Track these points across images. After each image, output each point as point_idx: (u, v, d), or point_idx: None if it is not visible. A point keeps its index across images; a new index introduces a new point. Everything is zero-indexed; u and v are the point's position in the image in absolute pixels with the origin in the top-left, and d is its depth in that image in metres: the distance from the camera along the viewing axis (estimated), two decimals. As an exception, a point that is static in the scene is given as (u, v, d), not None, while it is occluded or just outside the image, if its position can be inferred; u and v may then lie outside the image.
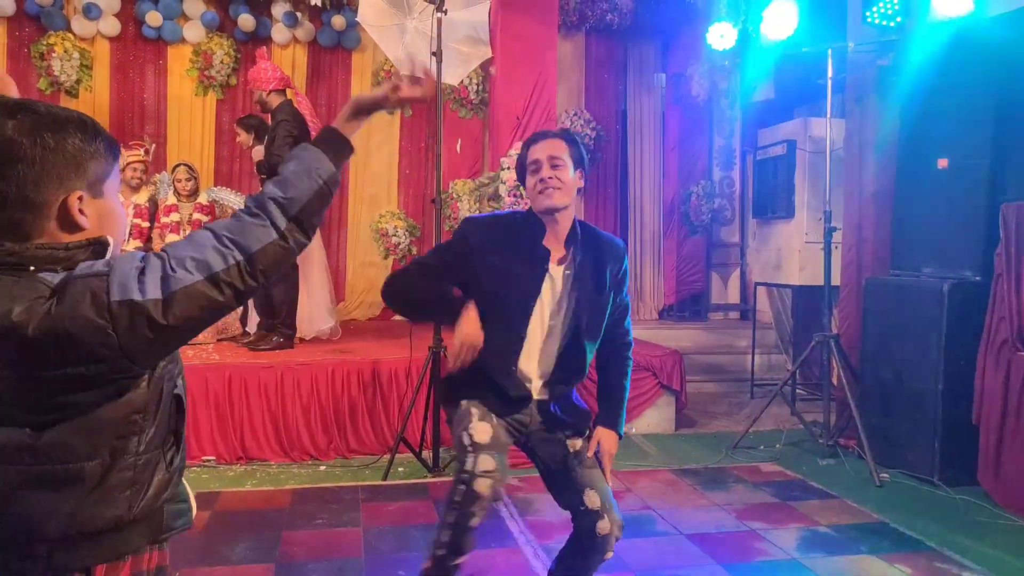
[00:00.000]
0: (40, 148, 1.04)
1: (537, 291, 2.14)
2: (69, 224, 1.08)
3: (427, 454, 4.05)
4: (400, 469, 4.05)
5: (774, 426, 4.88)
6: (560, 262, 2.18)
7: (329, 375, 4.29)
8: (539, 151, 2.15)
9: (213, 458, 4.11)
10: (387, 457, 4.00)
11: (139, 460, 1.10)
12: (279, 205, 1.10)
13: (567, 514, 2.25)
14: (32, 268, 1.04)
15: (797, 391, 5.61)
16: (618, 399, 2.31)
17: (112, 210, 1.15)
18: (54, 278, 1.03)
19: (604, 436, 2.23)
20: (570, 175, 2.13)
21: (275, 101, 4.63)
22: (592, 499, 2.11)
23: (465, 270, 2.17)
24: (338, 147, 1.21)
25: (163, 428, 1.14)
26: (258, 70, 4.68)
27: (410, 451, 4.02)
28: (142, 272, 1.01)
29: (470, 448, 2.05)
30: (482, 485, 1.98)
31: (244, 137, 5.14)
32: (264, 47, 5.01)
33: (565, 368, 2.20)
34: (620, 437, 2.27)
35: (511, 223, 2.23)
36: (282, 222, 1.09)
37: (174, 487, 1.18)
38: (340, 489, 3.76)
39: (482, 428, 2.09)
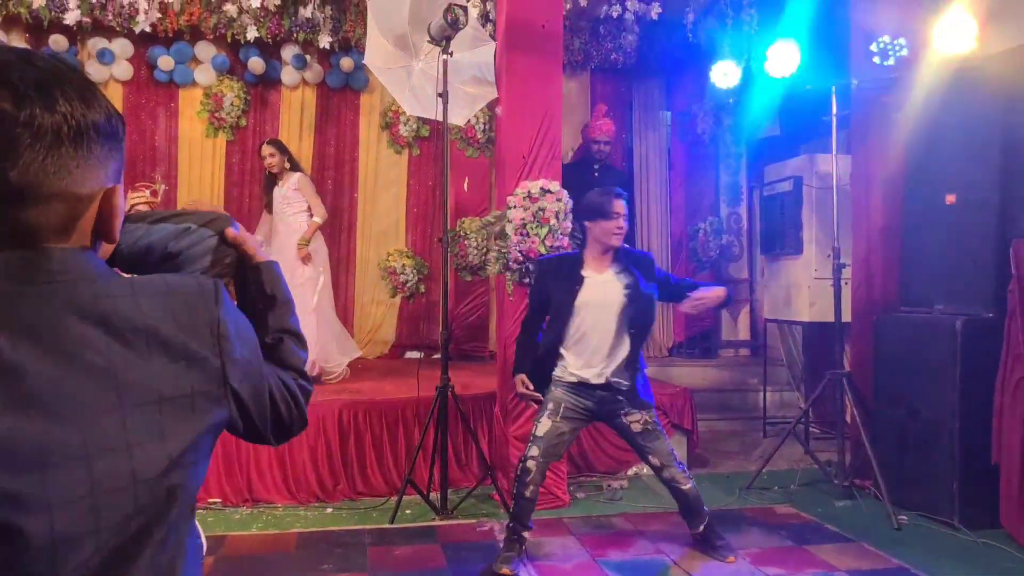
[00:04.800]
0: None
1: (573, 299, 3.20)
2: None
3: (435, 496, 3.99)
4: (408, 512, 3.98)
5: (788, 466, 4.79)
6: (602, 273, 3.25)
7: (336, 415, 4.26)
8: (621, 207, 3.23)
9: (219, 500, 4.06)
10: (395, 499, 3.93)
11: None
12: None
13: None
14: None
15: (810, 429, 5.52)
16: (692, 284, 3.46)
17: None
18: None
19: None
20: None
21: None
22: (654, 460, 3.26)
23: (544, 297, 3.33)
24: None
25: None
26: (608, 123, 5.50)
27: (418, 493, 3.96)
28: None
29: (531, 438, 3.22)
30: (529, 464, 3.18)
31: (278, 159, 5.05)
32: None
33: (617, 358, 3.21)
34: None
35: (561, 261, 3.43)
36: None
37: None
38: (346, 533, 3.70)
39: (544, 423, 3.21)
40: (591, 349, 3.22)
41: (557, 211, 4.12)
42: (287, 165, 5.10)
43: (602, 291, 3.22)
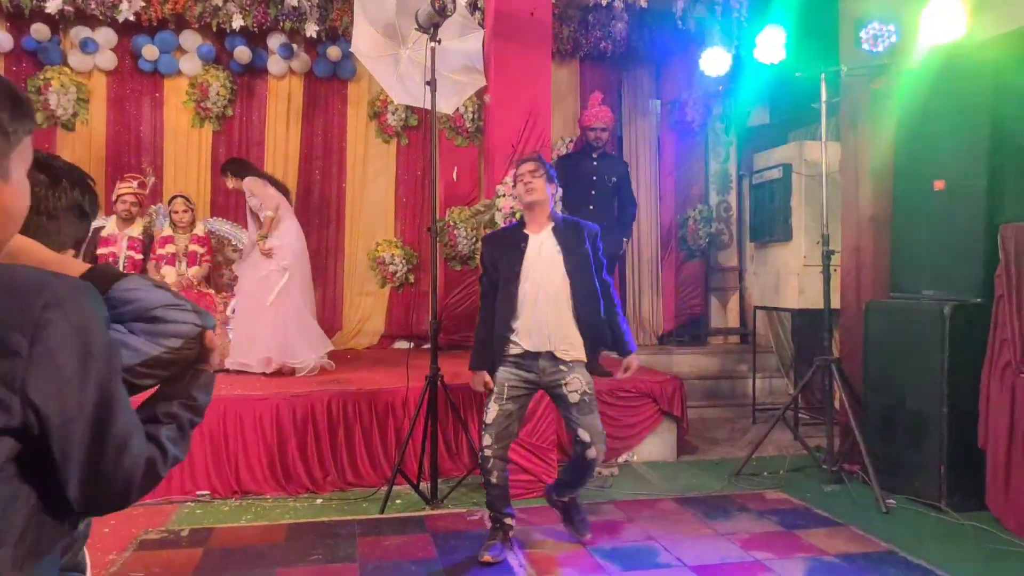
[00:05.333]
0: None
1: (520, 264, 3.20)
2: None
3: (425, 486, 3.99)
4: (398, 501, 3.97)
5: (777, 452, 4.81)
6: (542, 234, 3.24)
7: (326, 406, 4.24)
8: (524, 167, 3.31)
9: (208, 492, 4.04)
10: (384, 489, 3.93)
11: None
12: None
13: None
14: None
15: (799, 416, 5.55)
16: (618, 333, 3.32)
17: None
18: None
19: (626, 362, 3.30)
20: (543, 183, 3.25)
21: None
22: (583, 435, 3.14)
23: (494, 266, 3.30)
24: None
25: None
26: (604, 111, 5.41)
27: (407, 483, 3.96)
28: None
29: (483, 427, 3.22)
30: (487, 452, 3.19)
31: (234, 182, 5.19)
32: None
33: (565, 326, 3.17)
34: (632, 352, 3.32)
35: (505, 230, 3.53)
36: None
37: None
38: (336, 523, 3.69)
39: (492, 409, 3.20)
40: (538, 315, 3.16)
41: (546, 199, 4.10)
42: (232, 179, 5.18)
43: (540, 249, 3.22)
